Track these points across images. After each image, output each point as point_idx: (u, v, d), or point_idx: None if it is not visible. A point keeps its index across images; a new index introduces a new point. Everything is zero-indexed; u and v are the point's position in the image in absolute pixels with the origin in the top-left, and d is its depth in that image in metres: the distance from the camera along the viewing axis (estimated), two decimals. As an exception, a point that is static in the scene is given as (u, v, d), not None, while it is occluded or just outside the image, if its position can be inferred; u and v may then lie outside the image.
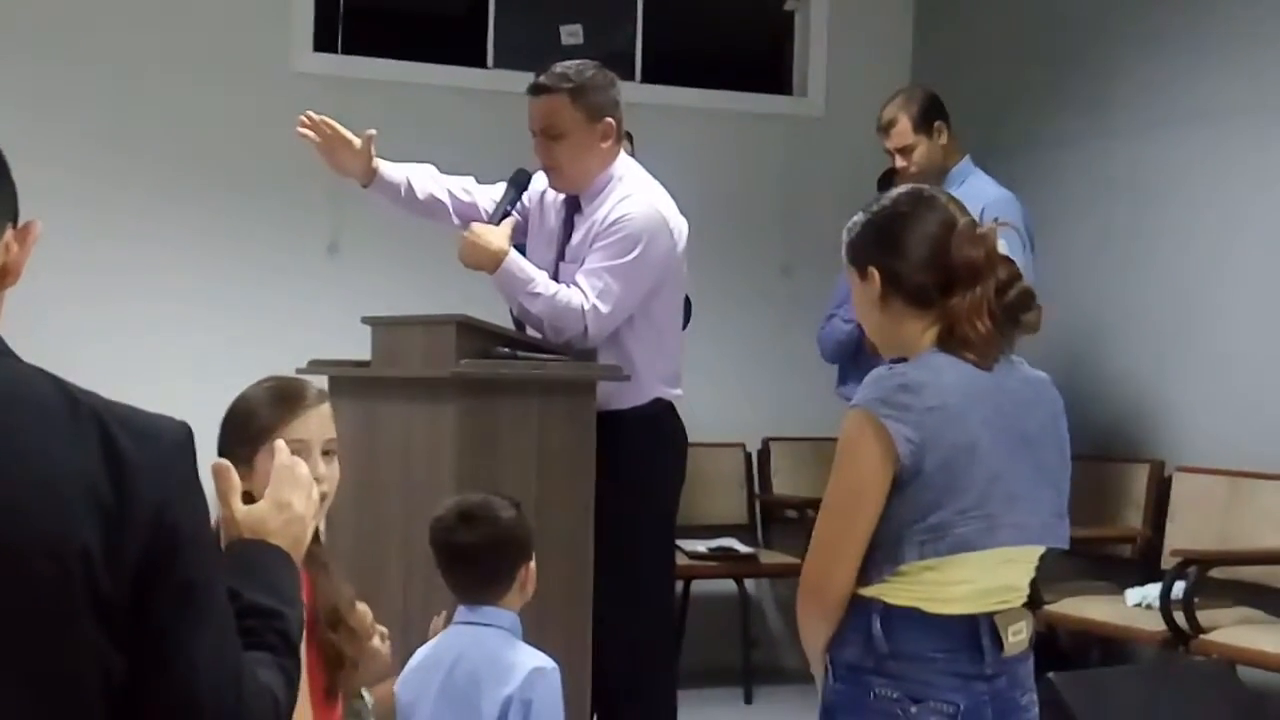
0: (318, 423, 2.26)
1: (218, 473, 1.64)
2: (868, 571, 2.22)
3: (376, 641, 2.71)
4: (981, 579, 2.24)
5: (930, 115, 4.69)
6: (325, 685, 2.25)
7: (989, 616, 2.25)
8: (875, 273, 2.31)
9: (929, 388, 2.21)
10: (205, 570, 1.38)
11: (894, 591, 2.22)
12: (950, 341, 2.27)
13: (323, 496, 2.21)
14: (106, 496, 1.31)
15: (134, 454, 1.33)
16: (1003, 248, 2.33)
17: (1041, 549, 2.34)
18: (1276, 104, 4.79)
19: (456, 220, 3.76)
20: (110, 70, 5.29)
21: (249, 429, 2.21)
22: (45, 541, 1.28)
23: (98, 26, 5.29)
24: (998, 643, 2.24)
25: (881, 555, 2.21)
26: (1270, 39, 4.85)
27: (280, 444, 1.76)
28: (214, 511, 1.62)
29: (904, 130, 4.67)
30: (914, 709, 2.20)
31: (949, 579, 2.22)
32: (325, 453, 2.26)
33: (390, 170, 3.76)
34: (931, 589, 2.22)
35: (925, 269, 2.28)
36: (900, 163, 4.72)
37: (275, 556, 1.61)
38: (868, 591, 2.23)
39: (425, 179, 3.80)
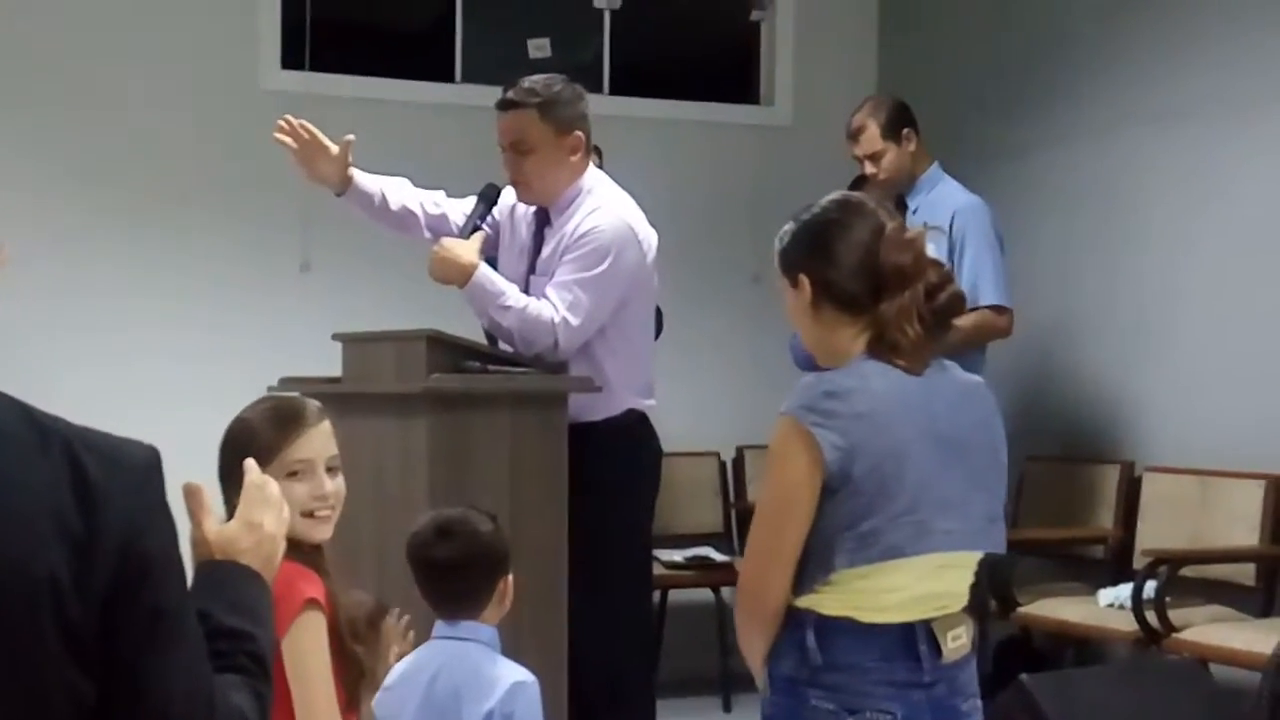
0: (320, 441, 2.27)
1: (188, 494, 1.63)
2: (801, 582, 2.20)
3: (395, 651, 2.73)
4: (915, 586, 2.22)
5: (898, 123, 4.71)
6: (346, 698, 2.26)
7: (926, 623, 2.23)
8: (806, 280, 2.30)
9: (856, 394, 2.20)
10: (175, 596, 1.38)
11: (827, 601, 2.20)
12: (880, 348, 2.25)
13: (330, 510, 2.30)
14: (74, 523, 1.30)
15: (102, 480, 1.33)
16: (931, 251, 2.32)
17: (979, 554, 2.31)
18: (1234, 103, 4.84)
19: (428, 233, 3.77)
20: (76, 93, 5.28)
21: (250, 450, 2.21)
22: (12, 570, 1.27)
23: (62, 49, 5.28)
24: (936, 649, 2.22)
25: (813, 564, 2.19)
26: (1225, 39, 4.90)
27: (250, 463, 1.76)
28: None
29: (872, 137, 4.70)
30: None
31: (881, 586, 2.19)
32: (329, 469, 2.27)
33: (365, 180, 3.77)
34: (864, 597, 2.20)
35: (855, 276, 2.26)
36: (869, 169, 4.75)
37: (246, 577, 1.61)
38: (802, 602, 2.21)
39: (399, 191, 3.82)
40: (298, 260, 5.52)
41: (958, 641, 2.25)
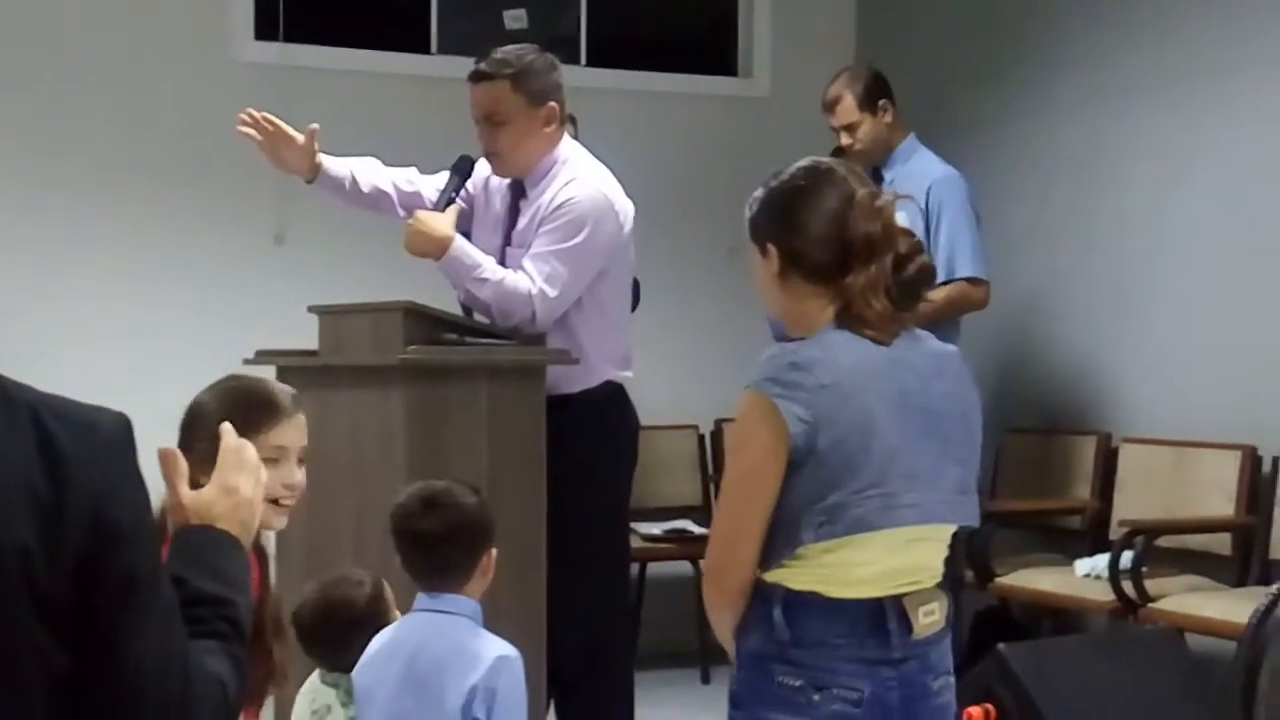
0: (297, 430, 2.24)
1: (164, 458, 1.62)
2: (768, 556, 2.16)
3: None
4: (886, 560, 2.17)
5: (875, 94, 4.70)
6: (250, 691, 2.22)
7: (896, 599, 2.19)
8: (774, 249, 2.24)
9: (820, 365, 2.14)
10: (147, 563, 1.37)
11: (794, 576, 2.16)
12: (847, 318, 2.20)
13: (292, 500, 2.21)
14: (43, 492, 1.29)
15: (71, 447, 1.32)
16: (902, 220, 2.27)
17: (952, 527, 2.26)
18: (1212, 73, 4.84)
19: (402, 212, 3.74)
20: (45, 63, 5.23)
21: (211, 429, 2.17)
22: None
23: (30, 17, 5.22)
24: (906, 625, 2.18)
25: (780, 539, 2.15)
26: (1204, 8, 4.89)
27: (227, 427, 1.74)
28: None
29: (848, 108, 4.69)
30: (816, 697, 2.13)
31: (849, 560, 2.15)
32: (299, 460, 2.25)
33: (334, 165, 3.74)
34: (832, 571, 2.15)
35: (823, 245, 2.21)
36: (845, 140, 4.74)
37: (223, 542, 1.59)
38: (769, 577, 2.17)
39: (369, 172, 3.78)
40: (272, 233, 5.48)
41: (930, 618, 2.21)
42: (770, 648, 2.17)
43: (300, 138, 3.67)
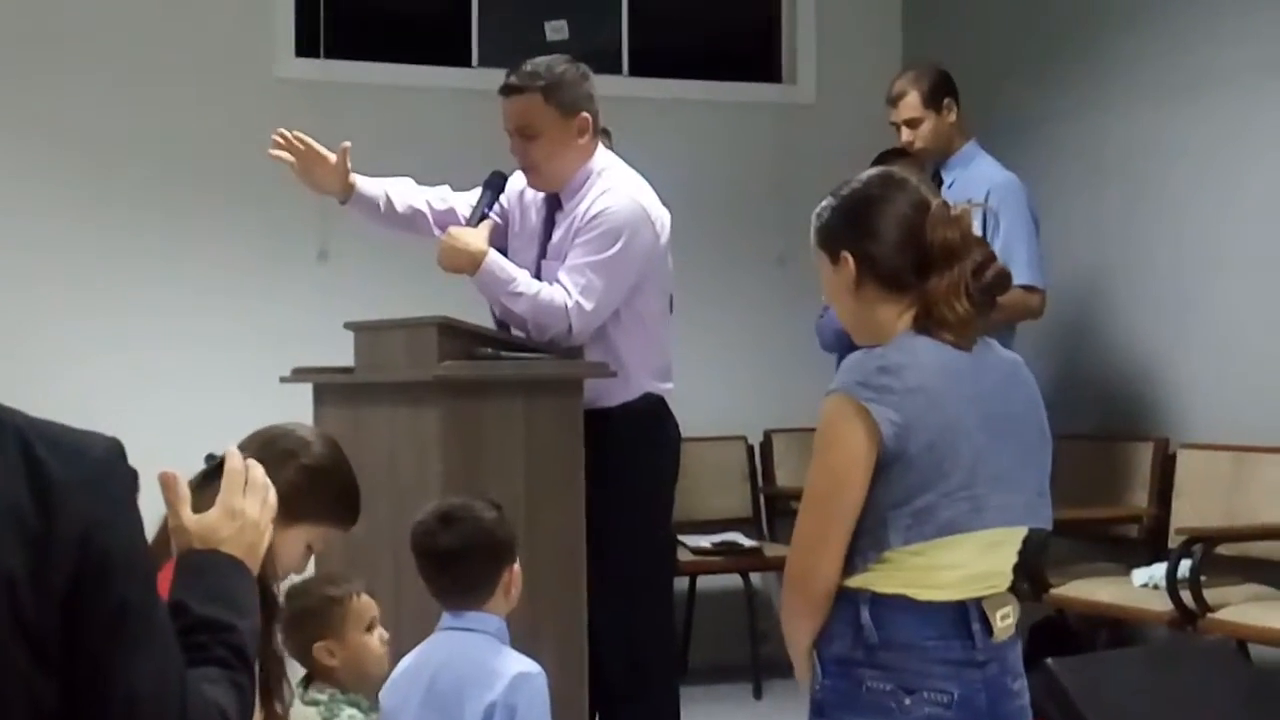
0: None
1: (164, 483, 1.59)
2: (852, 560, 2.18)
3: (378, 643, 2.69)
4: (971, 563, 2.20)
5: (940, 92, 4.69)
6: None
7: (977, 601, 2.21)
8: (849, 257, 2.27)
9: (909, 369, 2.18)
10: (139, 591, 1.34)
11: (881, 579, 2.18)
12: (927, 323, 2.23)
13: None
14: (31, 519, 1.26)
15: (60, 474, 1.29)
16: (975, 229, 2.30)
17: (1024, 531, 2.29)
18: (1272, 68, 4.73)
19: (437, 231, 3.71)
20: (91, 82, 5.26)
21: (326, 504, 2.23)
22: None
23: (77, 38, 5.26)
24: (988, 628, 2.21)
25: (866, 543, 2.17)
26: (1260, 4, 4.78)
27: (232, 449, 1.70)
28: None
29: (913, 103, 4.67)
30: (908, 700, 2.15)
31: (937, 564, 2.18)
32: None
33: (368, 185, 3.70)
34: (919, 574, 2.18)
35: (900, 251, 2.25)
36: (906, 136, 4.70)
37: (227, 566, 1.55)
38: (853, 582, 2.19)
39: (403, 192, 3.75)
40: (315, 249, 5.48)
41: (1006, 620, 2.23)
42: (857, 652, 2.17)
43: (333, 156, 3.64)
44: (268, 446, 2.21)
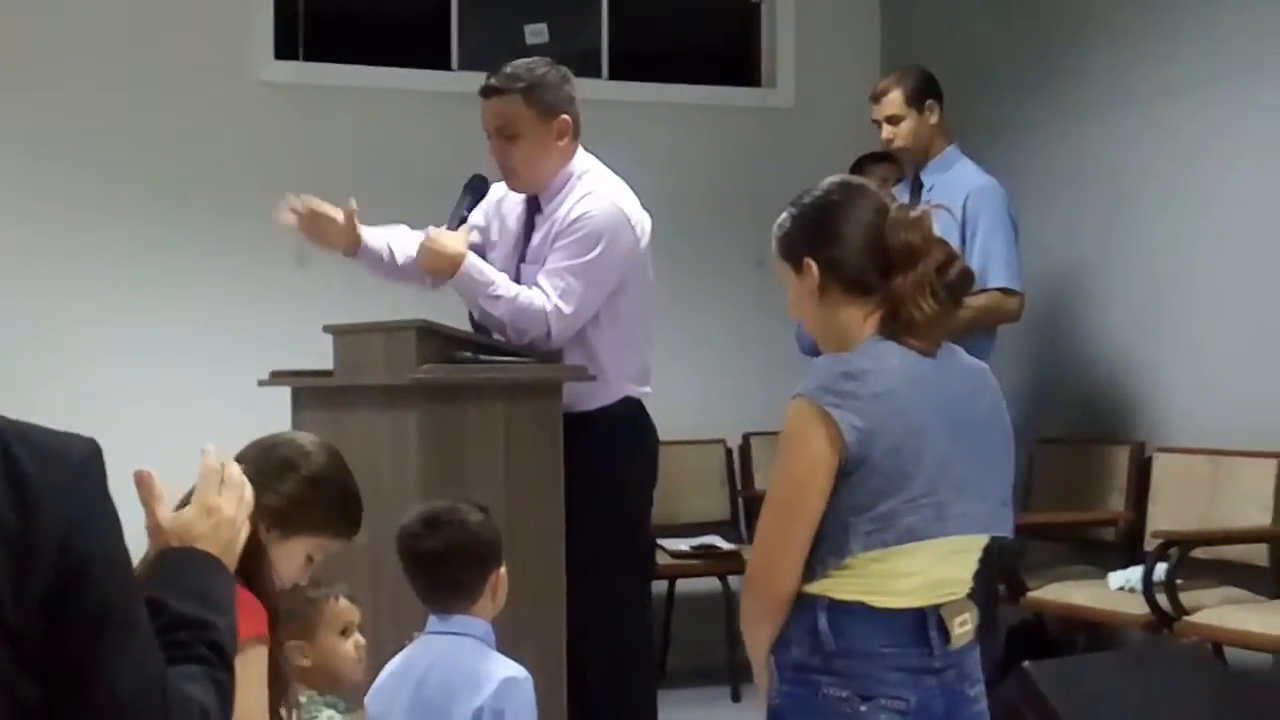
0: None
1: (139, 482, 1.59)
2: (812, 566, 2.18)
3: (351, 649, 2.68)
4: (931, 570, 2.21)
5: (923, 92, 4.73)
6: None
7: (935, 609, 2.22)
8: (812, 264, 2.27)
9: (874, 375, 2.18)
10: (119, 592, 1.34)
11: (840, 586, 2.18)
12: (893, 327, 2.24)
13: None
14: (8, 521, 1.27)
15: (37, 475, 1.29)
16: (938, 230, 2.30)
17: (985, 539, 2.29)
18: (1246, 74, 4.76)
19: (428, 281, 3.70)
20: (68, 85, 5.23)
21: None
22: None
23: (54, 42, 5.24)
24: (945, 635, 2.21)
25: (826, 548, 2.16)
26: (1236, 11, 4.81)
27: (208, 446, 1.70)
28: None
29: (895, 100, 4.71)
30: (864, 707, 2.16)
31: (896, 570, 2.18)
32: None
33: (373, 239, 3.70)
34: (878, 581, 2.18)
35: (863, 255, 2.25)
36: (886, 133, 4.74)
37: (204, 563, 1.56)
38: (813, 588, 2.19)
39: (404, 241, 3.73)
40: (295, 253, 5.45)
41: (964, 627, 2.24)
42: (814, 659, 2.17)
43: (340, 215, 3.64)
44: (267, 455, 2.20)
